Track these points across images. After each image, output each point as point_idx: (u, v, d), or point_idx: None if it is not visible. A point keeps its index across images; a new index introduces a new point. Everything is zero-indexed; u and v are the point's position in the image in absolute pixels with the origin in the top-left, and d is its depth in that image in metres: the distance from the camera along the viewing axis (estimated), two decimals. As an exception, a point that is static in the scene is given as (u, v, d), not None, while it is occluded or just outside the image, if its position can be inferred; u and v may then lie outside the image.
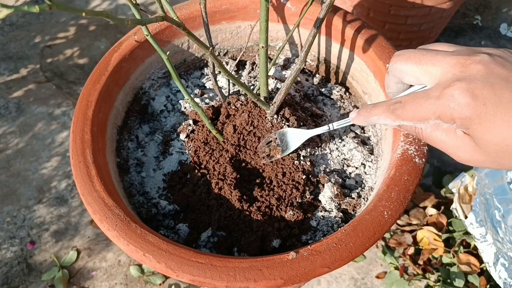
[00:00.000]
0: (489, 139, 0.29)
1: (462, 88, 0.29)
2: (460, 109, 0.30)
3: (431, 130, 0.33)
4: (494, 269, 0.78)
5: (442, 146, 0.33)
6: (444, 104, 0.30)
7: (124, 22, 0.27)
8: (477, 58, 0.30)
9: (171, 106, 0.60)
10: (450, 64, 0.31)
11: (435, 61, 0.32)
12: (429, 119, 0.32)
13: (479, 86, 0.29)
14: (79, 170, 0.44)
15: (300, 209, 0.49)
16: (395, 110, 0.34)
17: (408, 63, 0.33)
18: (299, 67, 0.47)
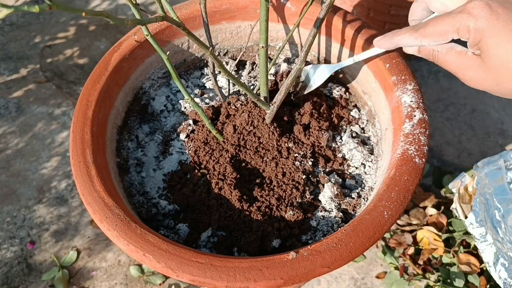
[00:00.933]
0: (494, 53, 0.34)
1: (482, 3, 0.34)
2: (476, 20, 0.34)
3: (446, 51, 0.38)
4: (494, 269, 0.78)
5: (453, 67, 0.38)
6: (464, 16, 0.35)
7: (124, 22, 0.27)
8: None
9: (171, 106, 0.60)
10: None
11: None
12: (448, 33, 0.36)
13: (496, 4, 0.34)
14: (79, 170, 0.44)
15: (300, 209, 0.49)
16: (419, 28, 0.38)
17: None
18: (299, 67, 0.47)
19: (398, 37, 0.41)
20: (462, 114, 1.10)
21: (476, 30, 0.34)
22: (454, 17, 0.36)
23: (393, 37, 0.42)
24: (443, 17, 0.37)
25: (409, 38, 0.40)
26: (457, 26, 0.35)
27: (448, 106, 1.12)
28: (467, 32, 0.35)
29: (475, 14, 0.34)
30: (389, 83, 0.51)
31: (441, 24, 0.37)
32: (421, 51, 0.41)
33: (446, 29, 0.36)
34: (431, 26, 0.37)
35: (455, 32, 0.36)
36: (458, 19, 0.35)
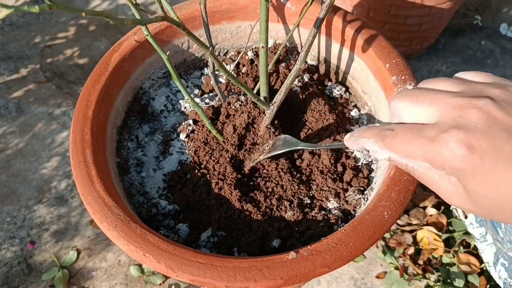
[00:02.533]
0: (483, 194, 0.27)
1: (459, 138, 0.27)
2: (453, 160, 0.27)
3: (424, 170, 0.30)
4: (494, 269, 0.78)
5: (435, 188, 0.31)
6: (437, 149, 0.28)
7: (124, 22, 0.27)
8: (479, 103, 0.27)
9: (171, 106, 0.60)
10: (450, 106, 0.28)
11: (434, 101, 0.29)
12: (417, 159, 0.29)
13: (478, 136, 0.26)
14: (79, 170, 0.44)
15: (300, 209, 0.49)
16: (385, 137, 0.31)
17: (406, 100, 0.31)
18: (299, 67, 0.47)
19: (363, 139, 0.33)
20: (462, 114, 1.10)
21: (452, 168, 0.27)
22: (425, 144, 0.28)
23: (358, 138, 0.34)
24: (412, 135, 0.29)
25: (374, 145, 0.32)
26: (428, 157, 0.28)
27: (448, 106, 1.11)
28: (440, 167, 0.28)
29: (452, 151, 0.27)
30: (389, 83, 0.51)
31: (410, 145, 0.29)
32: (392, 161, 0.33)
33: (415, 154, 0.29)
34: (399, 143, 0.30)
35: (426, 162, 0.29)
36: (429, 150, 0.28)
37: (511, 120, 0.27)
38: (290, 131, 0.56)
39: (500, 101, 0.28)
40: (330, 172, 0.51)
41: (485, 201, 0.27)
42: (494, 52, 1.25)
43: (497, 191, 0.26)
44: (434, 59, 1.22)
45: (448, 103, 0.29)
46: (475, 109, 0.27)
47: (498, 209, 0.27)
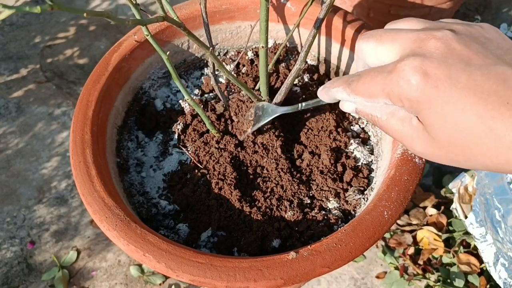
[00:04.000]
0: (440, 128, 0.26)
1: (414, 65, 0.26)
2: (408, 89, 0.26)
3: (387, 118, 0.30)
4: (494, 269, 0.78)
5: (398, 136, 0.30)
6: (394, 80, 0.27)
7: (124, 22, 0.27)
8: (438, 34, 0.27)
9: (171, 106, 0.60)
10: (410, 40, 0.28)
11: (396, 38, 0.29)
12: (378, 96, 0.29)
13: (434, 65, 0.26)
14: (79, 170, 0.44)
15: (300, 209, 0.49)
16: (351, 82, 0.31)
17: (370, 41, 0.30)
18: (299, 67, 0.47)
19: (333, 89, 0.33)
20: (462, 114, 1.10)
21: (409, 100, 0.27)
22: (384, 78, 0.28)
23: (329, 89, 0.34)
24: (374, 74, 0.29)
25: (343, 92, 0.32)
26: (387, 91, 0.28)
27: (448, 106, 1.12)
28: (398, 100, 0.28)
29: (406, 79, 0.26)
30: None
31: (371, 83, 0.29)
32: (358, 112, 0.33)
33: (376, 91, 0.29)
34: (362, 83, 0.30)
35: (386, 97, 0.28)
36: (387, 82, 0.28)
37: (469, 52, 0.26)
38: (290, 131, 0.56)
39: (460, 34, 0.27)
40: (330, 172, 0.51)
41: (443, 136, 0.27)
42: (494, 52, 1.25)
43: (453, 123, 0.26)
44: (434, 59, 1.22)
45: (409, 37, 0.28)
46: (433, 39, 0.27)
47: (457, 146, 0.26)
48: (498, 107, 0.24)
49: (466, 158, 0.27)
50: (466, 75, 0.25)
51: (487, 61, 0.26)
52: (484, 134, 0.25)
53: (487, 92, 0.24)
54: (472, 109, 0.25)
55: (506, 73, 0.25)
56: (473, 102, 0.25)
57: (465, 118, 0.25)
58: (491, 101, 0.24)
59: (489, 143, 0.25)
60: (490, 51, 0.26)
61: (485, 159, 0.26)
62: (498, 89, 0.24)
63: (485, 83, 0.25)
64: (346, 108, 0.34)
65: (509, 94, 0.24)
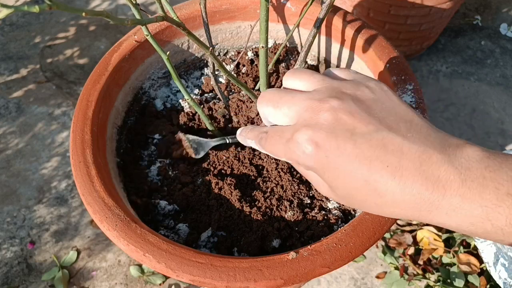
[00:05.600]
0: (336, 186, 0.30)
1: (307, 137, 0.29)
2: (304, 158, 0.30)
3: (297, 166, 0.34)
4: (494, 269, 0.78)
5: (309, 179, 0.34)
6: (292, 149, 0.30)
7: (124, 22, 0.27)
8: (326, 105, 0.30)
9: (171, 106, 0.60)
10: (303, 108, 0.31)
11: (291, 104, 0.32)
12: (282, 157, 0.32)
13: (323, 136, 0.29)
14: (79, 170, 0.44)
15: (300, 209, 0.49)
16: (261, 139, 0.34)
17: (269, 105, 0.33)
18: (299, 67, 0.47)
19: (248, 140, 0.37)
20: (462, 114, 1.10)
21: (306, 166, 0.30)
22: (284, 145, 0.31)
23: (245, 138, 0.38)
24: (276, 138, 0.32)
25: (256, 146, 0.36)
26: (288, 156, 0.31)
27: (448, 106, 1.12)
28: (298, 165, 0.32)
29: (302, 150, 0.29)
30: (389, 83, 0.51)
31: (274, 146, 0.32)
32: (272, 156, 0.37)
33: (280, 154, 0.32)
34: (269, 145, 0.33)
35: (288, 160, 0.32)
36: (287, 150, 0.31)
37: (354, 120, 0.29)
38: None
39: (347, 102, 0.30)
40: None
41: (341, 192, 0.30)
42: (494, 52, 1.25)
43: (345, 184, 0.29)
44: (434, 59, 1.22)
45: (302, 106, 0.31)
46: (322, 111, 0.30)
47: (352, 197, 0.30)
48: (380, 170, 0.27)
49: (363, 207, 0.30)
50: (351, 144, 0.28)
51: (370, 127, 0.28)
52: (371, 193, 0.28)
53: (370, 159, 0.28)
54: (358, 173, 0.28)
55: (386, 139, 0.28)
56: (358, 168, 0.28)
57: (353, 180, 0.28)
58: (374, 165, 0.27)
59: (376, 200, 0.28)
60: (373, 116, 0.29)
61: (377, 209, 0.30)
62: (379, 155, 0.27)
63: (368, 150, 0.28)
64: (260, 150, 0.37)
65: (388, 158, 0.27)
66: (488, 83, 1.17)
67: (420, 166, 0.27)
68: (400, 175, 0.27)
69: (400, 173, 0.27)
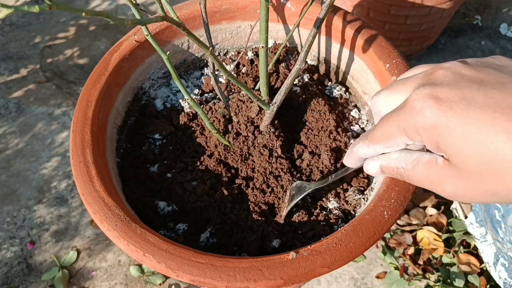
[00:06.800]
0: (466, 154, 0.24)
1: (424, 93, 0.25)
2: (422, 117, 0.25)
3: (413, 166, 0.29)
4: (494, 269, 0.78)
5: (427, 182, 0.28)
6: (406, 114, 0.26)
7: (124, 22, 0.27)
8: (446, 64, 0.27)
9: (171, 106, 0.60)
10: (419, 77, 0.28)
11: (406, 82, 0.29)
12: (395, 136, 0.28)
13: (444, 89, 0.25)
14: (79, 170, 0.44)
15: (300, 209, 0.49)
16: (368, 133, 0.31)
17: (381, 92, 0.30)
18: (299, 67, 0.47)
19: (354, 148, 0.33)
20: (462, 114, 1.10)
21: (425, 129, 0.25)
22: (397, 115, 0.27)
23: (351, 150, 0.33)
24: (387, 116, 0.28)
25: (363, 147, 0.31)
26: (402, 126, 0.27)
27: (448, 106, 1.11)
28: (416, 134, 0.26)
29: (418, 108, 0.25)
30: (389, 83, 0.51)
31: (385, 125, 0.28)
32: (384, 169, 0.31)
33: (392, 131, 0.28)
34: (378, 129, 0.29)
35: (403, 135, 0.27)
36: (400, 118, 0.26)
37: (481, 75, 0.25)
38: (290, 131, 0.56)
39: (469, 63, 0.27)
40: (330, 172, 0.51)
41: (471, 164, 0.24)
42: (494, 52, 1.25)
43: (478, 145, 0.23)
44: (434, 59, 1.22)
45: (418, 77, 0.28)
46: (441, 69, 0.26)
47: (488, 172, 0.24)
48: None
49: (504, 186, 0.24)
50: (482, 94, 0.24)
51: (501, 80, 0.24)
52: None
53: (508, 107, 0.23)
54: (495, 126, 0.23)
55: None
56: (495, 118, 0.23)
57: (490, 137, 0.23)
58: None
59: None
60: (504, 73, 0.25)
61: None
62: None
63: (504, 99, 0.23)
64: (370, 169, 0.33)
65: None
66: (488, 83, 1.17)
67: None
68: None
69: None
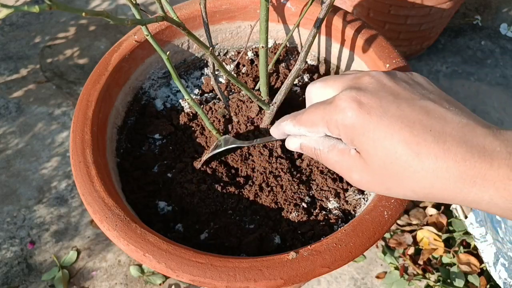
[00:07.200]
0: (373, 153, 0.29)
1: (350, 96, 0.30)
2: (344, 116, 0.29)
3: (328, 150, 0.33)
4: (494, 269, 0.78)
5: (338, 167, 0.33)
6: (332, 109, 0.30)
7: (124, 22, 0.27)
8: (372, 72, 0.31)
9: (171, 106, 0.60)
10: (349, 79, 0.32)
11: (337, 79, 0.33)
12: (318, 125, 0.32)
13: (367, 95, 0.29)
14: (79, 170, 0.44)
15: (300, 209, 0.49)
16: (297, 115, 0.35)
17: (316, 84, 0.35)
18: (299, 67, 0.47)
19: (282, 123, 0.37)
20: (462, 114, 1.10)
21: (344, 126, 0.30)
22: (324, 108, 0.31)
23: (279, 123, 0.37)
24: (317, 105, 0.33)
25: (289, 124, 0.36)
26: (326, 119, 0.31)
27: (448, 106, 1.11)
28: (335, 128, 0.31)
29: (343, 107, 0.29)
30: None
31: (313, 113, 0.33)
32: (303, 147, 0.36)
33: (317, 120, 0.32)
34: (306, 114, 0.33)
35: (325, 126, 0.32)
36: (326, 112, 0.31)
37: (398, 88, 0.30)
38: (290, 131, 0.56)
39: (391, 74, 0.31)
40: (330, 172, 0.51)
41: (376, 161, 0.29)
42: (494, 52, 1.25)
43: (384, 148, 0.28)
44: (434, 59, 1.22)
45: (349, 78, 0.33)
46: (368, 76, 0.31)
47: (388, 170, 0.28)
48: (422, 133, 0.27)
49: (397, 184, 0.29)
50: (395, 106, 0.28)
51: (413, 96, 0.29)
52: (411, 159, 0.27)
53: (412, 121, 0.27)
54: (400, 135, 0.27)
55: (430, 107, 0.28)
56: (400, 129, 0.27)
57: (394, 143, 0.28)
58: (416, 128, 0.27)
59: (415, 166, 0.27)
60: (416, 90, 0.30)
61: (413, 183, 0.28)
62: (422, 119, 0.27)
63: (411, 113, 0.28)
64: (291, 145, 0.37)
65: (432, 123, 0.27)
66: (488, 83, 1.17)
67: (464, 135, 0.26)
68: (443, 140, 0.26)
69: (443, 138, 0.26)
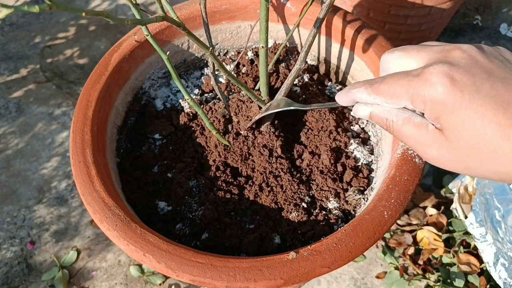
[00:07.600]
0: (461, 132, 0.28)
1: (442, 70, 0.28)
2: (435, 92, 0.28)
3: (402, 123, 0.31)
4: (494, 269, 0.78)
5: (411, 142, 0.31)
6: (420, 83, 0.29)
7: (124, 22, 0.27)
8: (464, 46, 0.29)
9: (171, 106, 0.60)
10: (435, 51, 0.30)
11: (421, 49, 0.31)
12: (401, 97, 0.30)
13: (460, 72, 0.27)
14: (79, 170, 0.44)
15: (300, 209, 0.49)
16: (374, 83, 0.32)
17: (395, 52, 0.32)
18: (299, 67, 0.47)
19: (354, 90, 0.34)
20: (462, 114, 1.10)
21: (433, 102, 0.28)
22: (410, 80, 0.29)
23: (350, 90, 0.35)
24: (399, 76, 0.30)
25: (363, 92, 0.33)
26: (411, 92, 0.29)
27: (448, 106, 1.11)
28: (421, 103, 0.29)
29: (433, 82, 0.28)
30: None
31: (395, 84, 0.30)
32: (373, 116, 0.34)
33: (399, 92, 0.30)
34: (386, 84, 0.31)
35: (409, 99, 0.30)
36: (413, 84, 0.29)
37: (492, 65, 0.28)
38: (290, 131, 0.56)
39: (483, 49, 0.30)
40: (330, 172, 0.51)
41: (462, 140, 0.28)
42: (494, 52, 1.25)
43: (473, 128, 0.27)
44: (434, 59, 1.22)
45: (435, 49, 0.30)
46: (459, 50, 0.29)
47: (473, 151, 0.28)
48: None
49: (479, 165, 0.28)
50: (489, 85, 0.27)
51: (507, 75, 0.28)
52: (502, 141, 0.26)
53: (507, 102, 0.26)
54: (492, 116, 0.26)
55: None
56: (493, 109, 0.26)
57: (484, 124, 0.27)
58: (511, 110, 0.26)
59: (504, 149, 0.26)
60: (509, 68, 0.28)
61: (498, 166, 0.27)
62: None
63: (505, 93, 0.26)
64: (360, 112, 0.35)
65: None
66: (488, 83, 1.17)
67: None
68: None
69: None
